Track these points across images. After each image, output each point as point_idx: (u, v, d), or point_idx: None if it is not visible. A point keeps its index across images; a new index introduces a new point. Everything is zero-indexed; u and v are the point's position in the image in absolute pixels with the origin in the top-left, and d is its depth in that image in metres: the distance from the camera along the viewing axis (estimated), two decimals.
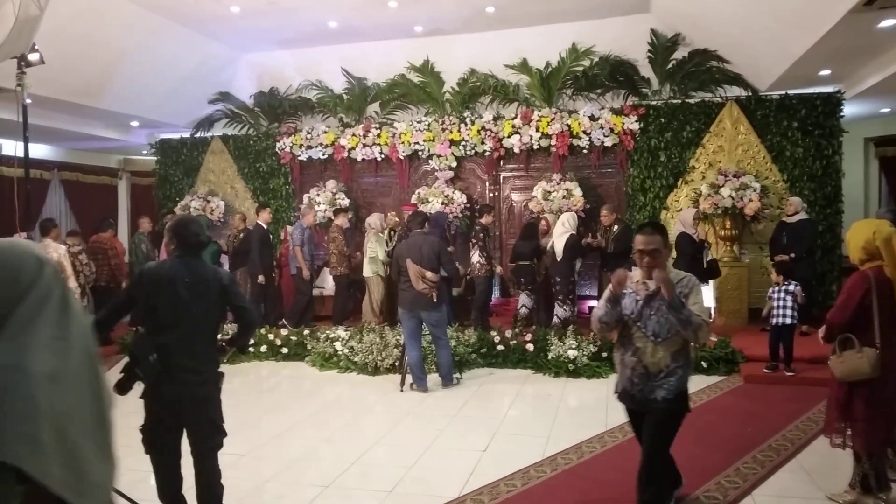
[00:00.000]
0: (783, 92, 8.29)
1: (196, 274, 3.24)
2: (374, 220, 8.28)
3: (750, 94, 8.41)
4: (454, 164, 9.30)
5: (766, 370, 6.22)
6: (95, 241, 8.91)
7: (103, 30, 7.47)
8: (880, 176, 10.17)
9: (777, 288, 6.15)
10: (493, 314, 8.41)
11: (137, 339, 3.25)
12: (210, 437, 3.27)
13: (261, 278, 8.33)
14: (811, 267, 7.43)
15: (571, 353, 6.62)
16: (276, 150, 10.04)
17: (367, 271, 8.14)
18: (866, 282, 3.41)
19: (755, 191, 7.83)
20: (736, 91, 8.49)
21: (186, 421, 3.21)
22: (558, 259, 7.47)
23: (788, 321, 6.03)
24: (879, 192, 10.21)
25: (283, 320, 8.40)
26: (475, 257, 7.84)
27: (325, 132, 9.75)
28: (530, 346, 6.99)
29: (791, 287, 6.06)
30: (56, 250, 7.12)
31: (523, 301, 7.78)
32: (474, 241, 7.93)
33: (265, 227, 8.61)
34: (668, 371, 3.11)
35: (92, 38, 7.45)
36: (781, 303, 6.06)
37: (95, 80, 8.21)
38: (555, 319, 7.51)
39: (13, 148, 9.48)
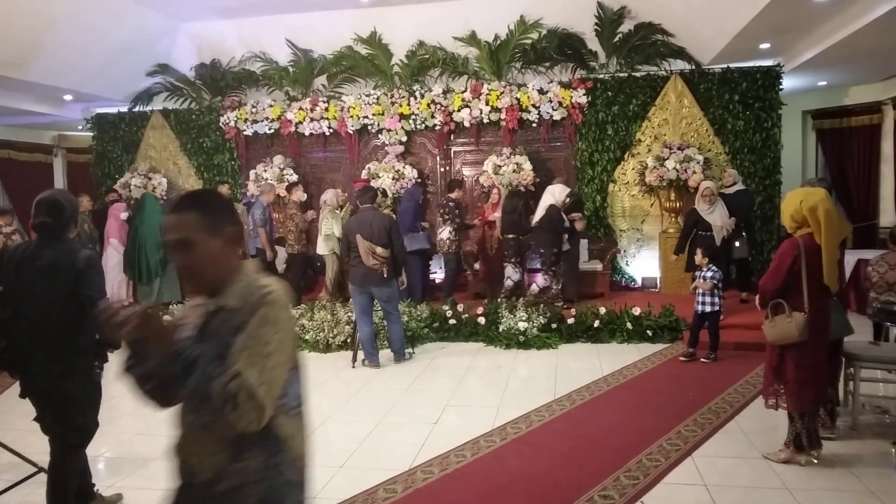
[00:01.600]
0: (725, 65, 8.46)
1: (48, 257, 2.98)
2: (329, 196, 8.10)
3: (693, 67, 8.56)
4: (404, 139, 9.21)
5: (682, 359, 5.97)
6: None
7: None
8: (817, 147, 10.53)
9: (700, 272, 5.87)
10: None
11: None
12: (66, 435, 3.12)
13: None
14: (750, 236, 7.68)
15: (522, 325, 6.71)
16: (220, 124, 9.75)
17: (323, 249, 8.00)
18: (796, 249, 3.54)
19: (698, 163, 8.02)
20: (680, 65, 8.62)
21: (45, 415, 3.10)
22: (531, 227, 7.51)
23: (708, 308, 5.79)
24: (816, 163, 10.58)
25: None
26: (445, 233, 7.76)
27: (271, 106, 9.50)
28: (482, 320, 7.05)
29: (707, 273, 5.77)
30: None
31: (509, 273, 7.73)
32: (447, 216, 7.81)
33: None
34: (222, 484, 1.57)
35: (17, 5, 7.02)
36: (702, 289, 5.82)
37: (23, 51, 7.76)
38: (533, 287, 7.52)
39: None
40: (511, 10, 8.60)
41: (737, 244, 7.11)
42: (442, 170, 9.35)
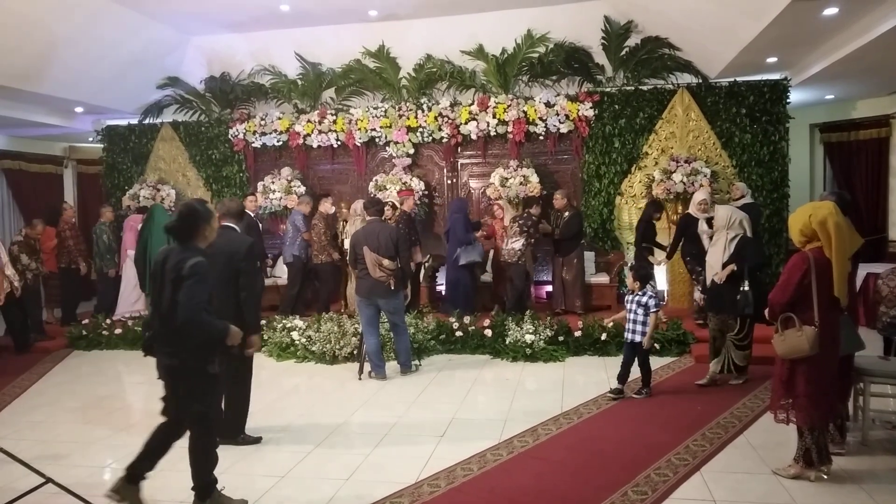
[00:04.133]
0: (732, 79, 8.47)
1: (172, 260, 3.33)
2: (359, 206, 8.05)
3: (700, 81, 8.58)
4: (412, 151, 9.26)
5: (609, 395, 5.36)
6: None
7: (41, 10, 7.14)
8: (825, 161, 10.50)
9: (631, 297, 5.39)
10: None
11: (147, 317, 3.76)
12: (188, 421, 3.48)
13: (268, 262, 8.37)
14: (759, 250, 7.63)
15: (529, 338, 6.69)
16: (229, 136, 9.82)
17: None
18: (805, 262, 3.53)
19: (705, 176, 8.02)
20: (687, 78, 8.65)
21: (170, 400, 3.46)
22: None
23: (638, 338, 5.30)
24: (824, 176, 10.55)
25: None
26: (518, 244, 7.56)
27: (280, 118, 9.57)
28: (488, 332, 7.04)
29: (644, 298, 5.28)
30: None
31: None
32: (525, 230, 7.59)
33: (252, 214, 8.39)
34: None
35: (29, 19, 7.12)
36: (633, 315, 5.32)
37: (35, 64, 7.86)
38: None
39: None
40: (518, 24, 8.66)
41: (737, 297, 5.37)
42: (449, 182, 9.38)
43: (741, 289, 5.31)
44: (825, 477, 3.68)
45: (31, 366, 7.20)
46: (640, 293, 5.35)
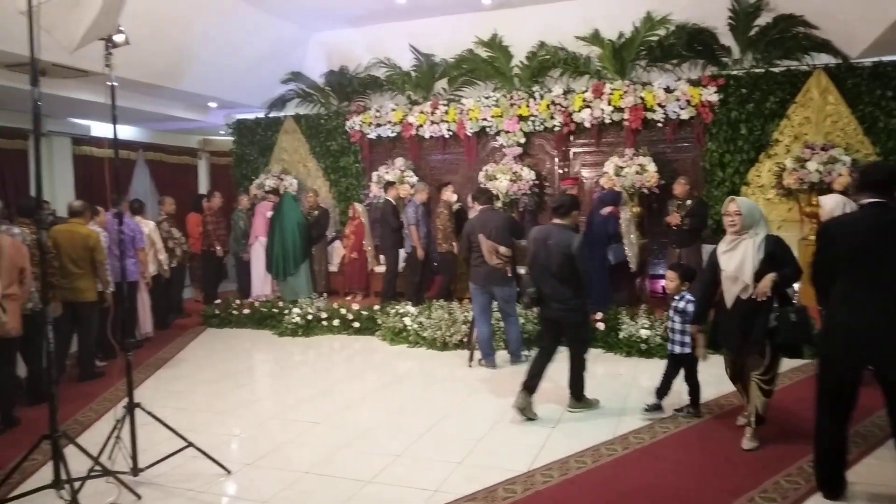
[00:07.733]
0: (877, 59, 7.72)
1: (553, 237, 4.68)
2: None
3: (840, 61, 7.88)
4: (522, 141, 9.17)
5: (645, 409, 4.79)
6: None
7: (179, 11, 7.69)
8: None
9: (675, 299, 4.68)
10: None
11: (524, 279, 5.23)
12: (575, 345, 4.89)
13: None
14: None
15: (644, 333, 6.47)
16: (346, 128, 10.17)
17: None
18: None
19: (845, 164, 7.38)
20: (824, 59, 7.96)
21: (561, 331, 4.88)
22: None
23: (678, 349, 4.62)
24: None
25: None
26: None
27: (394, 110, 9.80)
28: (601, 325, 6.87)
29: (681, 304, 4.57)
30: (146, 225, 7.93)
31: None
32: None
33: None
34: None
35: (170, 19, 7.68)
36: (670, 323, 4.68)
37: (176, 62, 8.51)
38: None
39: (102, 130, 10.05)
40: (637, 6, 8.33)
41: (773, 318, 4.03)
42: (560, 171, 9.23)
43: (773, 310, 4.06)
44: None
45: (171, 340, 7.86)
46: (677, 297, 4.66)
